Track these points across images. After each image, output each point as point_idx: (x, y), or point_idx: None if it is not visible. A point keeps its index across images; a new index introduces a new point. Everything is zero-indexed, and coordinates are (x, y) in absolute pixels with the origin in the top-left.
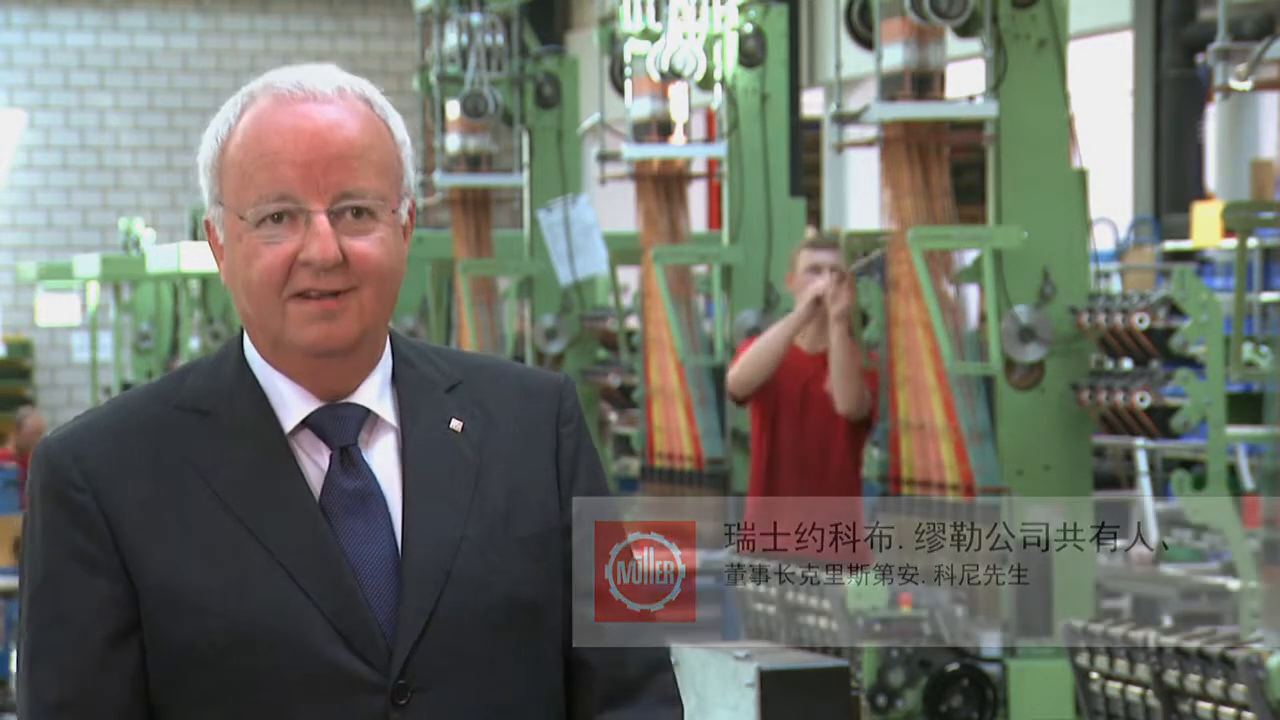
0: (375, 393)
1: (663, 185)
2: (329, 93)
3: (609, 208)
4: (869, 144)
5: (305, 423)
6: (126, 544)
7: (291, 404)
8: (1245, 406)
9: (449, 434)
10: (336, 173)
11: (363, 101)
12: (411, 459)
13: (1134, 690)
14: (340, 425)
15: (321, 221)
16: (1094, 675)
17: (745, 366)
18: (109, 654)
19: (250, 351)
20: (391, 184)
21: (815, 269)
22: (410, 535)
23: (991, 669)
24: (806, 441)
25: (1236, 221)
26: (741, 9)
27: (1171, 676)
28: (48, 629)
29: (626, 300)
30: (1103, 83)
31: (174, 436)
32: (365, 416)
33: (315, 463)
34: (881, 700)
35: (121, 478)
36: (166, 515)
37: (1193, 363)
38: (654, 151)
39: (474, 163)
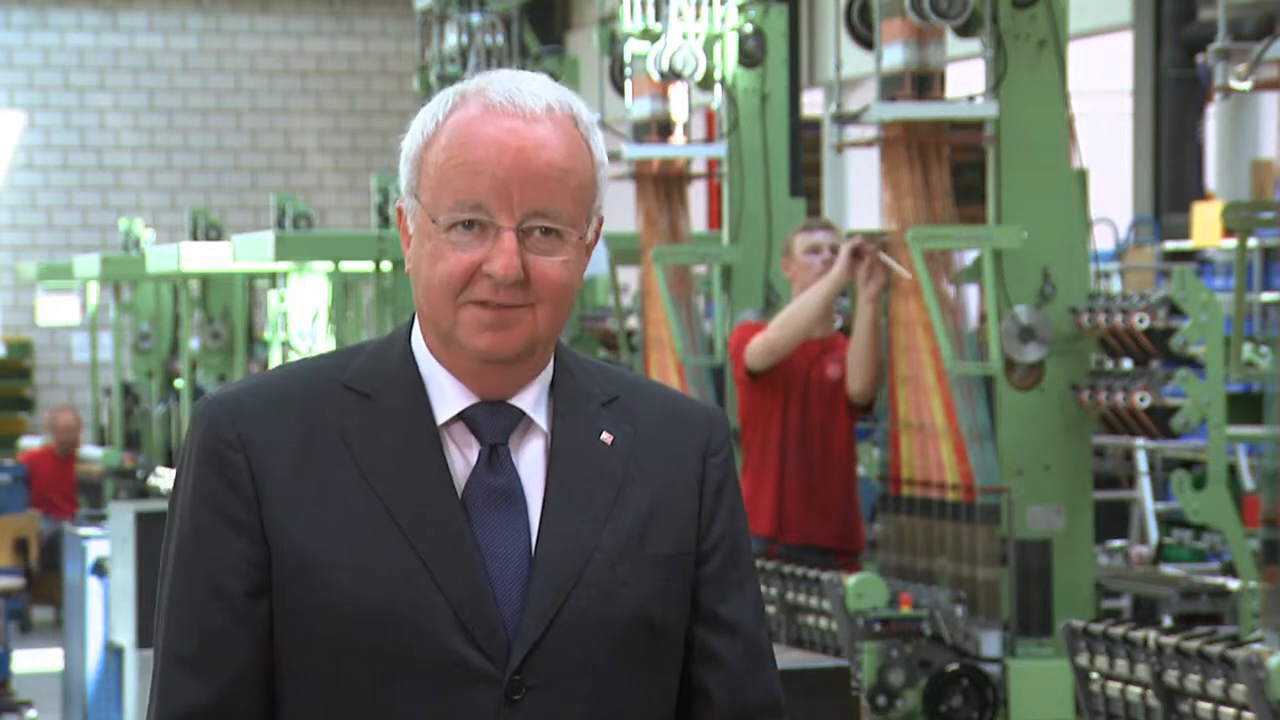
0: (533, 398)
1: (663, 185)
2: (538, 111)
3: (609, 208)
4: (869, 144)
5: (460, 416)
6: (269, 509)
7: (450, 396)
8: (1245, 406)
9: (598, 445)
10: (532, 192)
11: (570, 120)
12: (558, 465)
13: (1134, 690)
14: (494, 423)
15: (509, 238)
16: (1094, 675)
17: (782, 332)
18: (243, 611)
19: (418, 341)
20: (584, 206)
21: (814, 249)
22: (545, 537)
23: (991, 669)
24: (810, 427)
25: (1236, 221)
26: (741, 9)
27: (1171, 676)
28: (186, 582)
29: (626, 300)
30: (1103, 83)
31: (332, 412)
32: (520, 418)
33: (464, 456)
34: (881, 700)
35: (275, 444)
36: (312, 486)
37: (1193, 363)
38: (654, 151)
39: None
